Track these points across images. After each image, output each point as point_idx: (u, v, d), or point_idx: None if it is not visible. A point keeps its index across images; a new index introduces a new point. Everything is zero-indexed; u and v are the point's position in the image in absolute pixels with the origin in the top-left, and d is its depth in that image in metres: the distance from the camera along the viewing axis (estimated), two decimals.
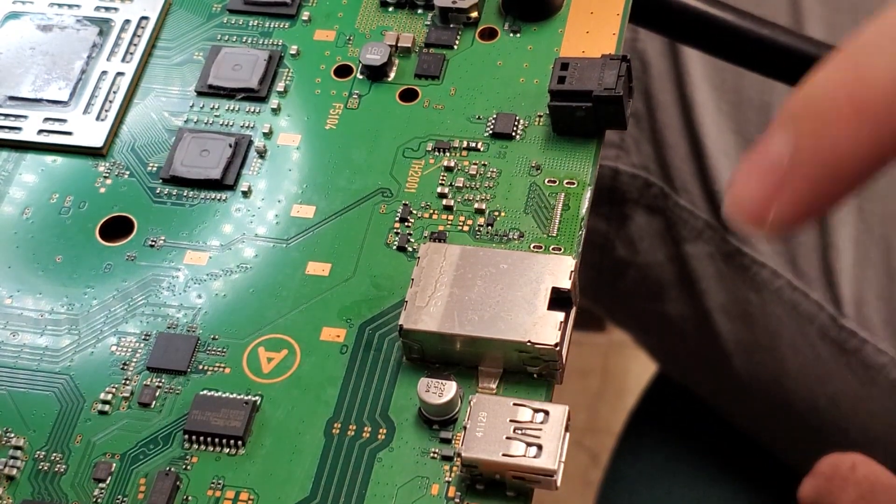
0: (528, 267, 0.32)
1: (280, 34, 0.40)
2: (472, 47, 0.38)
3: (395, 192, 0.36)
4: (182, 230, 0.36)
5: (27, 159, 0.38)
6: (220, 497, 0.31)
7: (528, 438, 0.30)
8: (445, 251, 0.32)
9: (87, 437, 0.33)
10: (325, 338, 0.33)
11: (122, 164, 0.37)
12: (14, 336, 0.35)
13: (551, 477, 0.29)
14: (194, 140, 0.37)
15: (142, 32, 0.40)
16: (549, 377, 0.32)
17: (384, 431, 0.32)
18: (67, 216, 0.37)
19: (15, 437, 0.33)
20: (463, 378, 0.32)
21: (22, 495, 0.32)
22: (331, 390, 0.32)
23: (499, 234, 0.34)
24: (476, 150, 0.36)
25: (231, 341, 0.34)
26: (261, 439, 0.32)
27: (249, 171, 0.37)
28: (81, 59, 0.39)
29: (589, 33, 0.38)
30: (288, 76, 0.39)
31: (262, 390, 0.33)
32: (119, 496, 0.32)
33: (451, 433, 0.31)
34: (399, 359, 0.33)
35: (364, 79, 0.38)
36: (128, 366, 0.34)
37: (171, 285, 0.35)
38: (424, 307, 0.31)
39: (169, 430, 0.32)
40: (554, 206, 0.34)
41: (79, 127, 0.38)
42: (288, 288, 0.34)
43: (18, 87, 0.39)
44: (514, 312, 0.31)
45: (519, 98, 0.37)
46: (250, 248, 0.35)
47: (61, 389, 0.33)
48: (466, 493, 0.30)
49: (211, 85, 0.38)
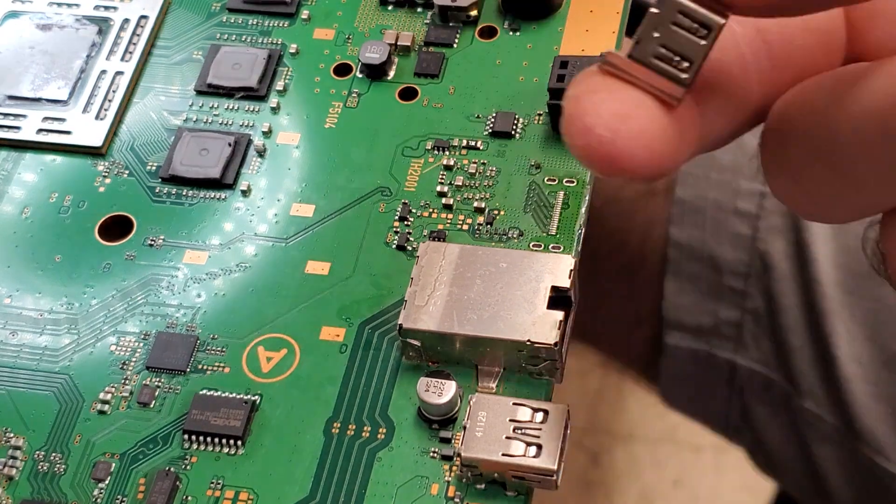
0: (527, 266, 0.32)
1: (279, 33, 0.40)
2: (471, 46, 0.38)
3: (394, 190, 0.36)
4: (181, 229, 0.36)
5: (26, 158, 0.38)
6: (219, 497, 0.31)
7: (527, 438, 0.29)
8: (445, 250, 0.32)
9: (87, 436, 0.33)
10: (325, 337, 0.33)
11: (121, 164, 0.37)
12: (13, 335, 0.35)
13: (551, 477, 0.29)
14: (193, 139, 0.37)
15: (141, 31, 0.40)
16: (549, 376, 0.32)
17: (384, 431, 0.32)
18: (67, 215, 0.37)
19: (14, 436, 0.33)
20: (462, 377, 0.32)
21: (21, 495, 0.32)
22: (330, 389, 0.32)
23: (498, 232, 0.34)
24: (475, 148, 0.36)
25: (230, 341, 0.34)
26: (260, 439, 0.32)
27: (249, 170, 0.37)
28: (81, 58, 0.39)
29: (589, 32, 0.38)
30: (287, 75, 0.39)
31: (262, 390, 0.33)
32: (118, 496, 0.32)
33: (451, 433, 0.31)
34: (399, 358, 0.33)
35: (363, 77, 0.38)
36: (127, 365, 0.34)
37: (170, 284, 0.35)
38: (424, 306, 0.31)
39: (168, 430, 0.32)
40: (553, 204, 0.34)
41: (78, 126, 0.38)
42: (287, 287, 0.34)
43: (18, 86, 0.39)
44: (514, 311, 0.31)
45: (518, 96, 0.37)
46: (250, 247, 0.35)
47: (60, 389, 0.33)
48: (466, 492, 0.30)
49: (210, 84, 0.38)
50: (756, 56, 0.24)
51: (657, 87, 0.22)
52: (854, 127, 0.22)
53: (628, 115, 0.22)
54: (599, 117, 0.22)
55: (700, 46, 0.22)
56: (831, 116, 0.23)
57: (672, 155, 0.23)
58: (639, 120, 0.22)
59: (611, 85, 0.22)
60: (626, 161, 0.22)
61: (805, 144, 0.24)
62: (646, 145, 0.22)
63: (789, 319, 0.50)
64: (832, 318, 0.49)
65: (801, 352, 0.50)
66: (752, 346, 0.51)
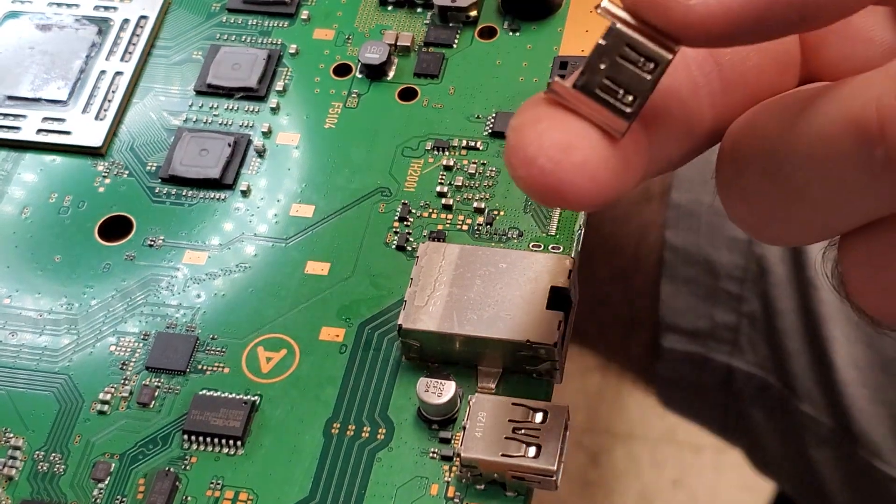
0: (527, 266, 0.32)
1: (279, 33, 0.40)
2: (471, 46, 0.38)
3: (394, 191, 0.36)
4: (181, 229, 0.36)
5: (26, 159, 0.38)
6: (219, 497, 0.31)
7: (527, 438, 0.29)
8: (444, 250, 0.32)
9: (86, 437, 0.33)
10: (325, 337, 0.33)
11: (121, 164, 0.37)
12: (13, 336, 0.35)
13: (551, 477, 0.29)
14: (193, 139, 0.37)
15: (141, 32, 0.40)
16: (549, 377, 0.32)
17: (383, 431, 0.32)
18: (66, 216, 0.37)
19: (14, 437, 0.33)
20: (462, 378, 0.32)
21: (21, 495, 0.32)
22: (330, 390, 0.32)
23: (498, 233, 0.34)
24: (475, 149, 0.36)
25: (230, 341, 0.34)
26: (260, 439, 0.32)
27: (248, 170, 0.37)
28: (80, 58, 0.39)
29: (589, 32, 0.38)
30: (287, 75, 0.39)
31: (262, 390, 0.33)
32: (118, 496, 0.32)
33: (451, 433, 0.31)
34: (398, 358, 0.33)
35: (363, 78, 0.38)
36: (127, 365, 0.34)
37: (170, 285, 0.35)
38: (423, 306, 0.31)
39: (168, 430, 0.32)
40: None
41: (78, 126, 0.38)
42: (287, 287, 0.34)
43: (17, 86, 0.39)
44: (514, 312, 0.31)
45: (518, 97, 0.37)
46: (249, 248, 0.35)
47: (60, 389, 0.33)
48: (466, 493, 0.30)
49: (210, 84, 0.38)
50: (707, 78, 0.24)
51: (601, 120, 0.22)
52: (806, 153, 0.22)
53: (571, 146, 0.22)
54: (541, 148, 0.22)
55: (646, 81, 0.22)
56: (784, 142, 0.22)
57: (616, 184, 0.22)
58: (581, 151, 0.22)
59: (554, 114, 0.22)
60: (567, 192, 0.22)
61: (758, 170, 0.23)
62: (588, 176, 0.22)
63: (786, 323, 0.50)
64: (829, 322, 0.49)
65: (797, 355, 0.50)
66: (749, 349, 0.51)
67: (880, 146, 0.20)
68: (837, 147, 0.21)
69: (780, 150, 0.23)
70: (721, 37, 0.21)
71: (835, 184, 0.22)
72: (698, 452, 1.00)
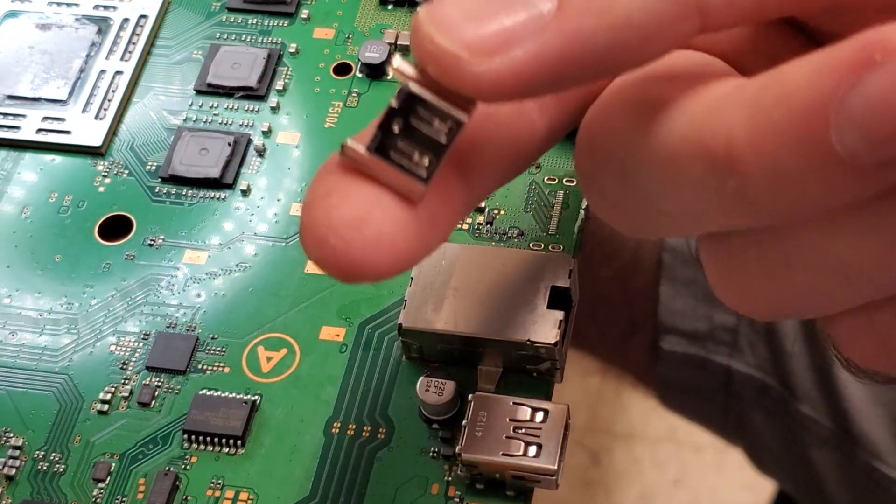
0: (527, 265, 0.32)
1: (279, 32, 0.39)
2: None
3: None
4: (181, 229, 0.36)
5: (26, 158, 0.38)
6: (219, 497, 0.31)
7: (528, 438, 0.29)
8: (445, 250, 0.32)
9: (87, 436, 0.33)
10: (325, 337, 0.33)
11: (120, 163, 0.37)
12: (13, 335, 0.34)
13: (551, 476, 0.29)
14: (193, 139, 0.37)
15: (140, 31, 0.40)
16: (549, 376, 0.32)
17: (384, 431, 0.32)
18: (66, 215, 0.37)
19: (14, 436, 0.33)
20: (462, 377, 0.32)
21: (21, 495, 0.32)
22: (330, 389, 0.32)
23: (498, 232, 0.34)
24: None
25: (230, 340, 0.34)
26: (260, 439, 0.32)
27: (249, 169, 0.37)
28: (80, 57, 0.39)
29: None
30: (287, 74, 0.39)
31: (262, 390, 0.33)
32: (118, 496, 0.32)
33: (451, 432, 0.31)
34: (399, 358, 0.33)
35: (363, 77, 0.38)
36: (127, 365, 0.34)
37: (170, 284, 0.35)
38: (424, 306, 0.31)
39: (168, 430, 0.32)
40: (553, 204, 0.34)
41: (77, 126, 0.38)
42: (287, 287, 0.34)
43: (17, 85, 0.39)
44: (514, 311, 0.31)
45: None
46: (249, 247, 0.35)
47: (60, 389, 0.33)
48: (466, 492, 0.30)
49: (210, 83, 0.38)
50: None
51: (397, 185, 0.21)
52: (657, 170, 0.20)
53: (363, 220, 0.20)
54: (331, 227, 0.20)
55: (441, 142, 0.21)
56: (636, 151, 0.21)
57: (421, 245, 0.21)
58: (375, 224, 0.20)
59: (346, 186, 0.21)
60: (363, 268, 0.20)
61: (614, 172, 0.22)
62: (385, 248, 0.20)
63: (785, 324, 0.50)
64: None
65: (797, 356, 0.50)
66: (748, 350, 0.51)
67: (731, 179, 0.19)
68: (687, 170, 0.20)
69: (632, 158, 0.21)
70: (516, 95, 0.20)
71: (688, 203, 0.20)
72: (699, 452, 1.00)
